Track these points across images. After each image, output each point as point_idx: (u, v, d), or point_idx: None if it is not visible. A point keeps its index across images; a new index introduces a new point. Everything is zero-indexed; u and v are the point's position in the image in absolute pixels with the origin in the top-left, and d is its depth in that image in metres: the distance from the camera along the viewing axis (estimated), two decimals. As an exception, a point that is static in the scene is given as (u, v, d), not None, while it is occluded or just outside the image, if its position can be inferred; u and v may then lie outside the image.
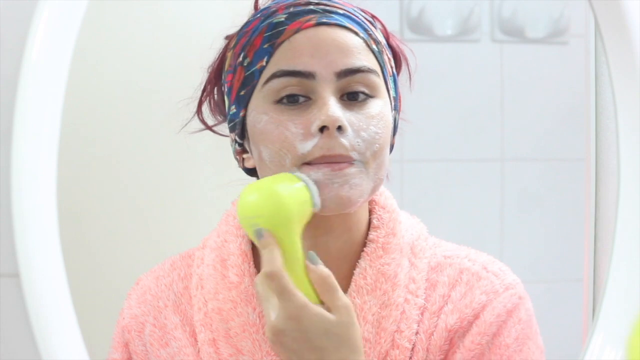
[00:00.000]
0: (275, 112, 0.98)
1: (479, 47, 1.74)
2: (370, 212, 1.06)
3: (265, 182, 0.96)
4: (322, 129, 0.96)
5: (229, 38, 1.06)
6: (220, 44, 1.06)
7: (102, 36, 1.43)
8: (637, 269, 1.06)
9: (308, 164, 0.97)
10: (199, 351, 1.04)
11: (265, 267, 0.92)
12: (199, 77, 1.09)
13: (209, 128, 1.09)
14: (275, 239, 0.93)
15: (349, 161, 0.97)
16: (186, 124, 1.09)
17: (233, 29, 1.05)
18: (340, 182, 0.96)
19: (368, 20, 1.03)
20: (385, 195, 1.08)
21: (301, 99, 0.98)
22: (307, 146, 0.96)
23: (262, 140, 0.99)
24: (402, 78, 1.09)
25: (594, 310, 1.25)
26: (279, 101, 0.98)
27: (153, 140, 1.50)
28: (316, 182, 0.96)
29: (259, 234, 0.93)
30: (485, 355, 1.01)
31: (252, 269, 1.04)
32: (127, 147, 1.49)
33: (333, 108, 0.96)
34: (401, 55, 1.08)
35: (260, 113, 0.99)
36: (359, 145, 0.97)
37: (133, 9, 1.48)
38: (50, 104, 0.93)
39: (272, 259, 0.92)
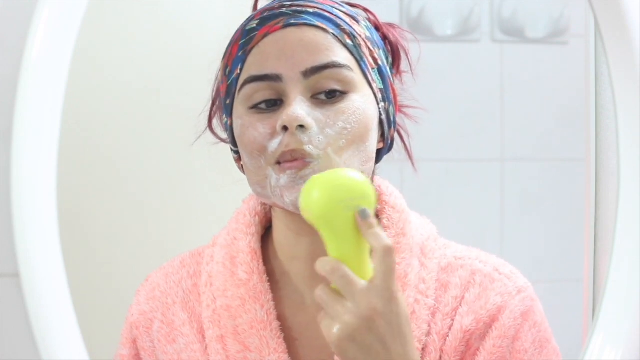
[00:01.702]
0: (248, 116, 0.99)
1: (479, 47, 1.74)
2: (380, 212, 1.06)
3: (343, 170, 0.93)
4: (284, 127, 0.97)
5: None
6: (218, 40, 1.07)
7: (102, 36, 1.43)
8: (637, 269, 1.06)
9: (278, 163, 0.98)
10: (206, 348, 1.04)
11: (379, 242, 0.88)
12: (200, 76, 1.09)
13: (222, 141, 1.10)
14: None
15: (303, 158, 0.96)
16: (198, 137, 1.10)
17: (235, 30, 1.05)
18: (303, 184, 0.96)
19: (348, 15, 1.03)
20: (395, 196, 1.08)
21: (274, 103, 0.98)
22: (274, 144, 0.97)
23: (240, 144, 1.01)
24: (406, 69, 1.09)
25: (594, 310, 1.25)
26: (253, 106, 0.99)
27: (154, 138, 1.50)
28: (285, 185, 0.97)
29: (366, 213, 0.90)
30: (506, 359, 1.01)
31: (261, 267, 1.05)
32: (127, 147, 1.49)
33: (294, 107, 0.96)
34: (399, 46, 1.07)
35: (237, 119, 1.01)
36: (319, 141, 0.97)
37: (133, 9, 1.48)
38: (50, 104, 0.93)
39: (384, 235, 0.89)
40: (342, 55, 1.00)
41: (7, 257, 0.93)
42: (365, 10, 1.06)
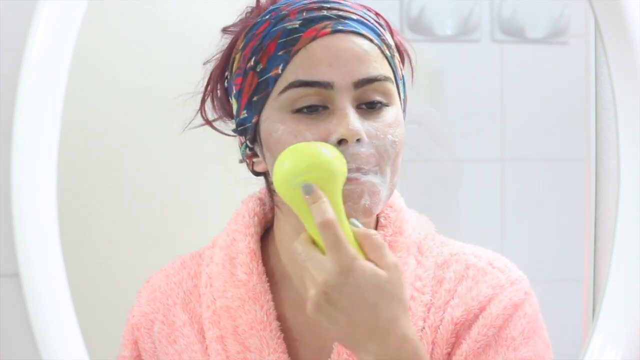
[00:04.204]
0: (292, 122, 0.97)
1: (479, 47, 1.74)
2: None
3: (307, 144, 0.95)
4: (341, 140, 0.96)
5: (226, 32, 1.05)
6: (218, 40, 1.06)
7: (102, 36, 1.43)
8: (637, 269, 1.06)
9: None
10: (206, 348, 1.04)
11: (317, 218, 0.90)
12: (200, 76, 1.08)
13: (209, 124, 1.08)
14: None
15: (364, 171, 0.96)
16: (189, 124, 1.09)
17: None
18: (359, 192, 0.96)
19: (378, 23, 1.02)
20: (393, 194, 1.08)
21: (319, 108, 0.97)
22: None
23: (279, 149, 0.97)
24: (405, 72, 1.09)
25: (594, 310, 1.25)
26: (297, 111, 0.97)
27: (154, 139, 1.50)
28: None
29: (309, 189, 0.91)
30: (491, 348, 1.02)
31: (260, 268, 1.05)
32: (127, 147, 1.49)
33: (353, 120, 0.96)
34: (404, 51, 1.07)
35: (276, 122, 0.98)
36: (375, 155, 0.97)
37: (133, 9, 1.48)
38: (50, 104, 0.93)
39: (325, 209, 0.90)
40: (385, 67, 1.00)
41: (7, 257, 0.93)
42: (377, 14, 1.05)
